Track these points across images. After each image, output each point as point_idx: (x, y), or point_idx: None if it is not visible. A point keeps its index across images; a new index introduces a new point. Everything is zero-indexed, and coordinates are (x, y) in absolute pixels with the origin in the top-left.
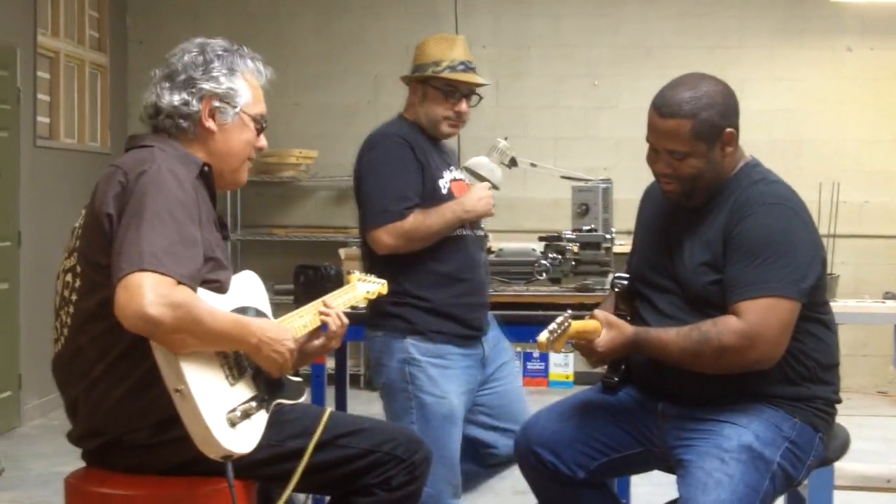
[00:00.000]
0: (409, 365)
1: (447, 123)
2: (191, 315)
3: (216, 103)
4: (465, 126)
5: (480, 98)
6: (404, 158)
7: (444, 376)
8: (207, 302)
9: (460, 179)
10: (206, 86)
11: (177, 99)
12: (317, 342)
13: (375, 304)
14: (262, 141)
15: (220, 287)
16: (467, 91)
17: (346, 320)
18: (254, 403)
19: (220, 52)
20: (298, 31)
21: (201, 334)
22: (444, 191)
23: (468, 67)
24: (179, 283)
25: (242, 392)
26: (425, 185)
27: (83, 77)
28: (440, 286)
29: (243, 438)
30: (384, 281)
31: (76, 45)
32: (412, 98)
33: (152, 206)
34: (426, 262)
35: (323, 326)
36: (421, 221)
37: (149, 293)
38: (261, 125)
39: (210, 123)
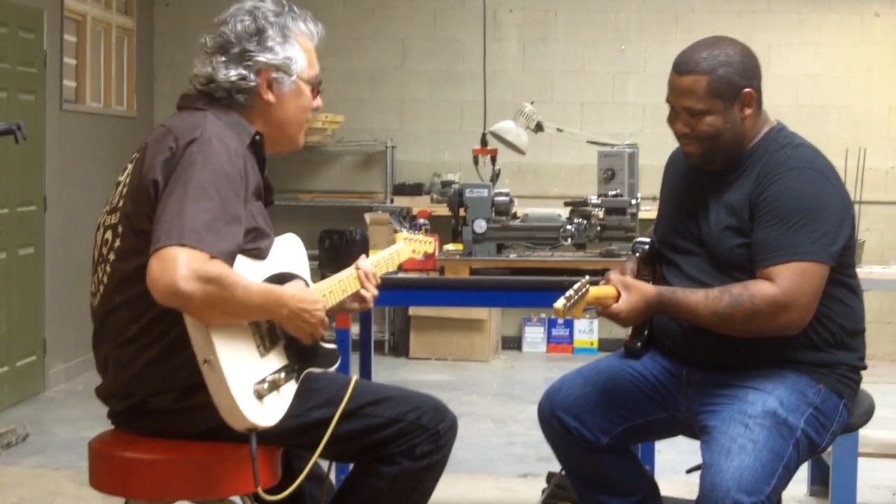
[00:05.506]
0: None
1: None
2: (222, 291)
3: (273, 74)
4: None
5: None
6: None
7: None
8: (241, 275)
9: None
10: (262, 58)
11: (233, 74)
12: (355, 305)
13: None
14: (319, 101)
15: (259, 254)
16: None
17: (378, 283)
18: (283, 374)
19: (272, 19)
20: None
21: (232, 309)
22: None
23: None
24: (214, 257)
25: (273, 362)
26: None
27: (109, 40)
28: None
29: (269, 411)
30: (431, 238)
31: (103, 8)
32: None
33: (199, 177)
34: None
35: None
36: None
37: (182, 267)
38: (316, 87)
39: (269, 95)
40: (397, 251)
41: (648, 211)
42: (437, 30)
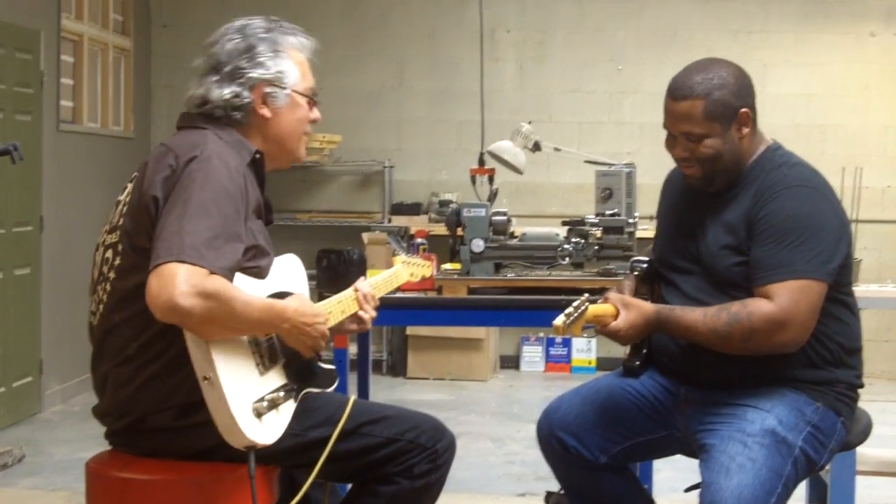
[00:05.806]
0: None
1: None
2: (222, 306)
3: (267, 89)
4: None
5: None
6: None
7: None
8: (242, 289)
9: None
10: (255, 73)
11: (227, 92)
12: (353, 326)
13: None
14: (316, 113)
15: (259, 272)
16: None
17: (376, 304)
18: (282, 393)
19: (261, 35)
20: (324, 15)
21: (233, 324)
22: None
23: None
24: (213, 273)
25: (272, 381)
26: None
27: (107, 61)
28: None
29: (268, 429)
30: (429, 262)
31: (100, 29)
32: None
33: (199, 194)
34: None
35: None
36: None
37: (181, 283)
38: (312, 98)
39: (264, 111)
40: (395, 274)
41: (646, 230)
42: (435, 50)
